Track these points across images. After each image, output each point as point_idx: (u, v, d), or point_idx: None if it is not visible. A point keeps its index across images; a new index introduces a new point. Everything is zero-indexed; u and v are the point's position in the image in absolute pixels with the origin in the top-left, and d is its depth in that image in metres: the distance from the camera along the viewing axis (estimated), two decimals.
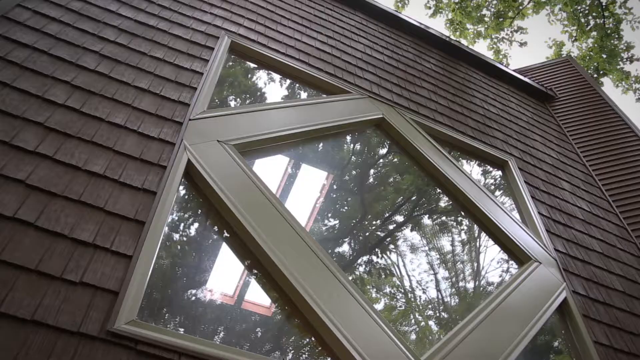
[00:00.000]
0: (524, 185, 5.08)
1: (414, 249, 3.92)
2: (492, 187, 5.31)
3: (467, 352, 3.04)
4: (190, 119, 3.34)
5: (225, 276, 2.91)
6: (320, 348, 2.73)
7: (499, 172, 5.37)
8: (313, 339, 2.75)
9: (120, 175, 2.72)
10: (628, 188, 6.42)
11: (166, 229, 2.72)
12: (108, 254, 2.36)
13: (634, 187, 6.45)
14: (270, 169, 3.77)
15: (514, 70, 7.81)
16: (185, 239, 2.99)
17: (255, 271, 2.90)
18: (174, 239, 2.91)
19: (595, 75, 14.83)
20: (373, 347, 2.69)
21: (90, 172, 2.65)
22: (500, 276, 4.16)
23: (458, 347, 3.02)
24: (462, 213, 4.48)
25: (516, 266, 4.19)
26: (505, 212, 4.48)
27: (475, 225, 4.45)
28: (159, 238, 2.56)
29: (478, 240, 4.45)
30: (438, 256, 4.06)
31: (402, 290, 3.67)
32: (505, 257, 4.26)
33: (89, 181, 2.61)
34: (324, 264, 2.96)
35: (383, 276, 3.61)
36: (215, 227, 3.06)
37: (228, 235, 2.99)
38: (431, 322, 3.63)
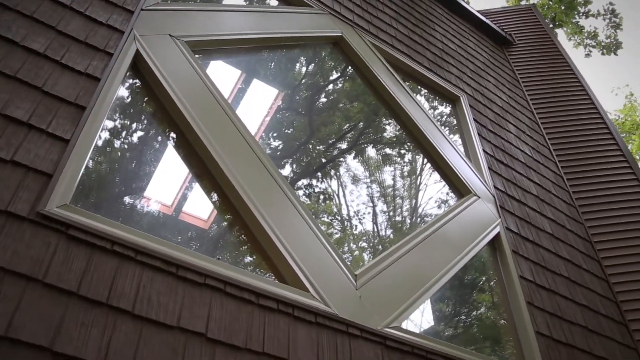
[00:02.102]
0: (473, 123, 5.13)
1: (355, 179, 3.91)
2: (442, 120, 5.33)
3: (400, 271, 3.11)
4: (142, 9, 3.15)
5: (165, 183, 2.82)
6: (258, 256, 2.72)
7: (450, 108, 5.39)
8: (251, 247, 2.74)
9: (62, 56, 2.55)
10: (569, 139, 6.60)
11: (107, 125, 2.61)
12: (43, 136, 2.23)
13: (575, 138, 6.63)
14: (220, 75, 3.63)
15: (477, 11, 7.75)
16: (126, 133, 2.87)
17: (199, 178, 2.83)
18: (116, 132, 2.79)
19: (551, 25, 14.94)
20: (311, 258, 2.71)
21: (28, 48, 2.47)
22: (439, 207, 4.24)
23: (392, 265, 3.08)
24: (409, 142, 4.50)
25: (456, 199, 4.27)
26: (452, 145, 4.52)
27: (419, 158, 4.48)
28: (100, 126, 2.45)
29: (420, 174, 4.48)
30: (379, 189, 4.07)
31: (339, 218, 3.69)
32: (446, 190, 4.33)
33: (27, 58, 2.44)
34: (271, 175, 2.92)
35: (322, 202, 3.60)
36: (161, 125, 2.95)
37: (174, 136, 2.89)
38: (365, 255, 3.67)
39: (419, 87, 5.23)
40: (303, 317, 2.42)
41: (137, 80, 2.96)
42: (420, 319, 3.30)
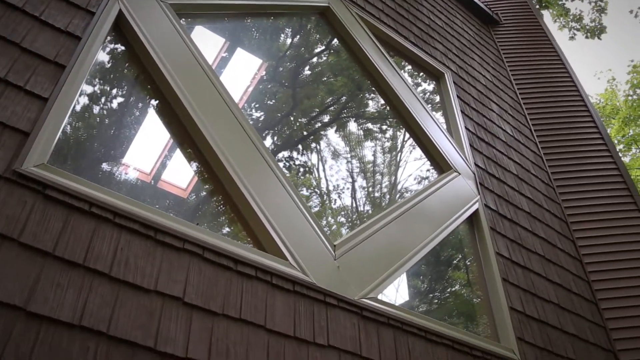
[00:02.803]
0: (456, 100, 5.13)
1: (336, 154, 3.89)
2: (425, 98, 5.32)
3: (379, 243, 3.12)
4: None
5: (145, 150, 2.77)
6: (238, 224, 2.71)
7: (433, 85, 5.38)
8: (231, 214, 2.73)
9: (42, 12, 2.48)
10: (550, 121, 6.64)
11: (87, 90, 2.55)
12: (21, 93, 2.18)
13: (556, 120, 6.67)
14: (204, 42, 3.57)
15: None
16: (107, 98, 2.81)
17: (181, 145, 2.79)
18: (95, 97, 2.73)
19: (537, 6, 14.94)
20: (290, 227, 2.71)
21: (6, 2, 2.39)
22: (419, 184, 4.25)
23: (371, 237, 3.10)
24: (392, 118, 4.49)
25: (436, 176, 4.29)
26: (434, 121, 4.53)
27: (400, 134, 4.48)
28: (80, 86, 2.39)
29: (401, 151, 4.48)
30: (359, 164, 4.06)
31: (318, 192, 3.68)
32: (426, 167, 4.33)
33: (4, 13, 2.36)
34: (254, 144, 2.89)
35: (301, 175, 3.58)
36: (142, 90, 2.90)
37: (155, 102, 2.85)
38: (343, 230, 3.66)
39: (404, 62, 5.21)
40: (281, 285, 2.43)
41: (119, 44, 2.89)
42: (395, 295, 3.32)
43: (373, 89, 4.52)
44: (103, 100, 2.78)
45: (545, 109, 6.81)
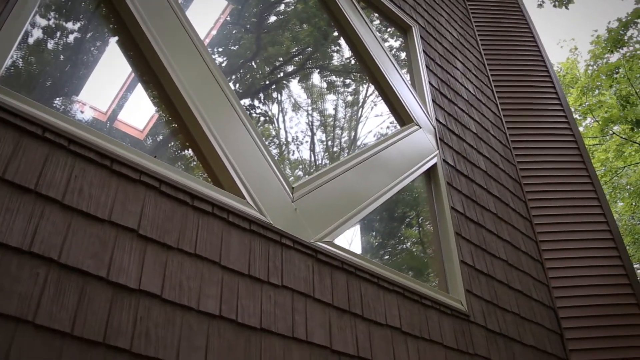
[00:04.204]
0: (422, 54, 5.12)
1: (297, 106, 3.84)
2: (392, 52, 5.29)
3: (337, 189, 3.14)
4: None
5: (101, 88, 2.67)
6: (196, 159, 2.68)
7: (399, 42, 5.35)
8: (189, 149, 2.68)
9: None
10: (512, 84, 6.71)
11: (41, 23, 2.43)
12: None
13: (518, 83, 6.75)
14: None
15: None
16: (62, 33, 2.69)
17: (142, 80, 2.71)
18: (50, 30, 2.60)
19: None
20: (250, 166, 2.68)
21: None
22: (379, 137, 4.25)
23: (329, 183, 3.10)
24: (356, 70, 4.46)
25: (397, 128, 4.30)
26: (399, 74, 4.52)
27: (362, 90, 4.45)
28: (34, 5, 2.28)
29: (363, 106, 4.45)
30: (319, 117, 4.02)
31: (277, 142, 3.64)
32: (387, 124, 4.33)
33: None
34: (218, 82, 2.83)
35: (261, 124, 3.53)
36: (103, 21, 2.79)
37: (117, 35, 2.74)
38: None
39: (372, 13, 5.15)
40: (237, 224, 2.42)
41: None
42: (348, 248, 3.34)
43: (340, 39, 4.46)
44: (59, 34, 2.66)
45: (509, 71, 6.88)
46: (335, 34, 4.47)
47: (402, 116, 4.30)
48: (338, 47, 4.49)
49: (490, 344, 3.65)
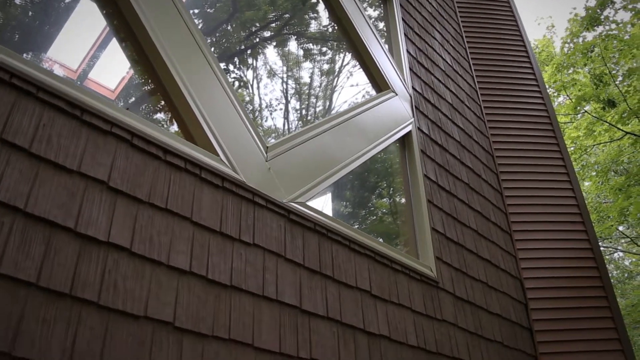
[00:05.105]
0: (401, 22, 5.08)
1: (272, 72, 3.77)
2: (371, 19, 5.24)
3: (311, 150, 3.12)
4: None
5: (72, 45, 2.58)
6: (169, 114, 2.62)
7: (379, 11, 5.30)
8: (162, 103, 2.63)
9: None
10: (489, 57, 6.73)
11: None
12: None
13: (495, 57, 6.77)
14: None
15: None
16: None
17: (116, 34, 2.62)
18: None
19: None
20: (224, 123, 2.64)
21: None
22: (354, 103, 4.22)
23: (304, 144, 3.08)
24: (335, 35, 4.40)
25: (374, 94, 4.28)
26: (378, 40, 4.48)
27: (339, 59, 4.40)
28: None
29: (338, 75, 4.40)
30: (294, 85, 3.96)
31: (251, 108, 3.59)
32: (362, 94, 4.29)
33: None
34: (194, 37, 2.76)
35: (235, 89, 3.46)
36: None
37: None
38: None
39: None
40: (210, 180, 2.39)
41: None
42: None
43: (318, 5, 4.39)
44: None
45: (486, 44, 6.88)
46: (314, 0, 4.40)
47: (379, 83, 4.27)
48: (316, 15, 4.42)
49: (457, 311, 3.71)
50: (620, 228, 18.83)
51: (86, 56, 2.63)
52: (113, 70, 2.69)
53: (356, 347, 2.74)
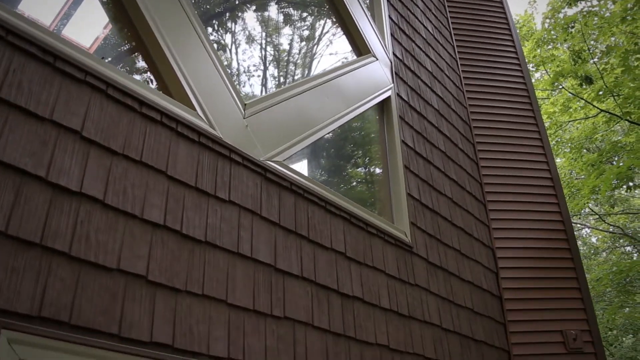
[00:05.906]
0: None
1: (251, 38, 3.67)
2: None
3: (290, 110, 3.09)
4: None
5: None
6: (146, 66, 2.57)
7: None
8: (138, 55, 2.57)
9: None
10: (470, 27, 6.70)
11: None
12: None
13: (476, 27, 6.74)
14: None
15: None
16: None
17: None
18: None
19: None
20: (202, 78, 2.59)
21: None
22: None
23: (283, 103, 3.05)
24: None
25: (354, 57, 4.24)
26: (360, 4, 4.42)
27: (319, 26, 4.33)
28: None
29: (318, 43, 4.32)
30: (273, 52, 3.87)
31: (228, 72, 3.49)
32: (341, 62, 4.24)
33: None
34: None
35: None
36: None
37: None
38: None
39: None
40: (186, 134, 2.35)
41: None
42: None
43: None
44: None
45: (468, 14, 6.84)
46: None
47: (359, 47, 4.23)
48: None
49: (430, 276, 3.75)
50: (591, 205, 19.15)
51: (60, 12, 2.54)
52: (88, 28, 2.61)
53: (330, 307, 2.76)
